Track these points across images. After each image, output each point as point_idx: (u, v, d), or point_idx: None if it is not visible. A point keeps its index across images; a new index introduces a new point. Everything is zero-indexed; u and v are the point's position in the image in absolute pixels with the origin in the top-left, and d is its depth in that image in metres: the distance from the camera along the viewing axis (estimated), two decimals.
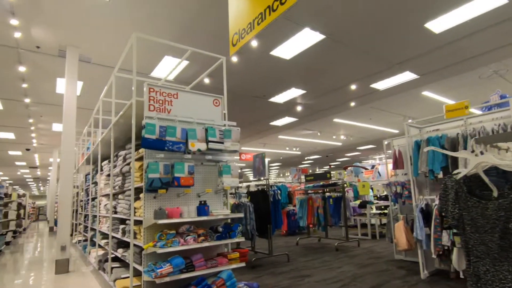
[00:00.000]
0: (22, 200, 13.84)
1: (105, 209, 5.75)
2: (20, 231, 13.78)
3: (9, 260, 7.83)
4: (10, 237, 10.34)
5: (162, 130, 3.30)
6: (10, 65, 6.78)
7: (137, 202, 3.82)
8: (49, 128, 12.20)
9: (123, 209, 4.42)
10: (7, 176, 26.93)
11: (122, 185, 4.56)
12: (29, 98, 8.70)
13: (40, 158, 18.41)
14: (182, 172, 3.34)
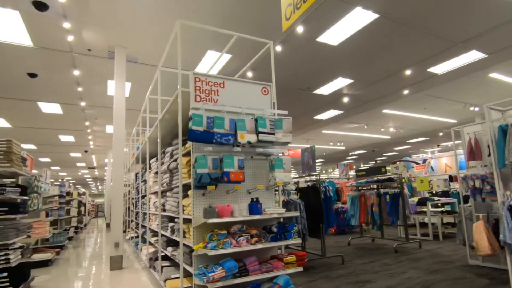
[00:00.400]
0: (82, 198, 14.76)
1: (154, 207, 5.68)
2: (81, 226, 14.70)
3: (71, 254, 8.21)
4: (72, 233, 10.98)
5: (210, 121, 3.00)
6: (66, 70, 7.04)
7: (186, 200, 3.58)
8: (103, 130, 12.80)
9: (171, 207, 4.24)
10: (70, 176, 29.27)
11: (169, 182, 4.39)
12: (84, 101, 9.08)
13: (97, 159, 19.59)
14: (231, 167, 3.01)
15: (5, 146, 4.11)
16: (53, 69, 6.95)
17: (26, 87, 7.88)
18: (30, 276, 4.78)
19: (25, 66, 6.75)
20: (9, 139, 4.17)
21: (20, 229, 4.45)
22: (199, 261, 3.07)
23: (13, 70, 6.91)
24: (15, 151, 4.24)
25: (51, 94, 8.46)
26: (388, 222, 6.65)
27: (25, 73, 7.11)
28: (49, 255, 6.50)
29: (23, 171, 4.65)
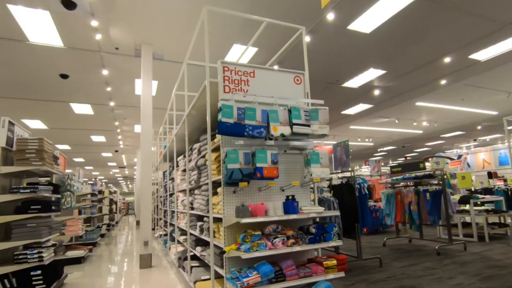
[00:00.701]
0: (114, 197, 15.14)
1: (182, 205, 5.54)
2: (113, 224, 15.08)
3: (104, 251, 8.32)
4: (104, 230, 11.22)
5: (241, 112, 2.75)
6: (95, 70, 7.09)
7: (215, 198, 3.36)
8: (131, 130, 13.00)
9: (200, 205, 4.04)
10: (103, 175, 30.38)
11: (198, 179, 4.20)
12: (113, 101, 9.19)
13: (127, 158, 20.09)
14: (264, 162, 2.74)
15: (37, 144, 4.10)
16: (83, 69, 7.02)
17: (58, 89, 8.05)
18: (64, 274, 4.79)
19: (57, 67, 6.86)
20: (41, 137, 4.16)
21: (53, 227, 4.45)
22: (231, 263, 2.83)
23: (46, 72, 7.05)
24: (46, 149, 4.23)
25: (82, 95, 8.61)
26: (429, 221, 6.11)
27: (57, 74, 7.24)
28: (82, 252, 6.57)
29: (55, 169, 4.65)
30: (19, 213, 3.99)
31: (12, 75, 7.14)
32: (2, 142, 3.96)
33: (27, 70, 6.93)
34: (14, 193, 3.92)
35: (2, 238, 3.97)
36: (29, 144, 4.07)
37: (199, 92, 3.36)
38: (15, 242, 3.84)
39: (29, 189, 3.97)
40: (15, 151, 4.03)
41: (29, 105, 9.16)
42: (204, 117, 4.24)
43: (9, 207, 4.08)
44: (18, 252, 3.89)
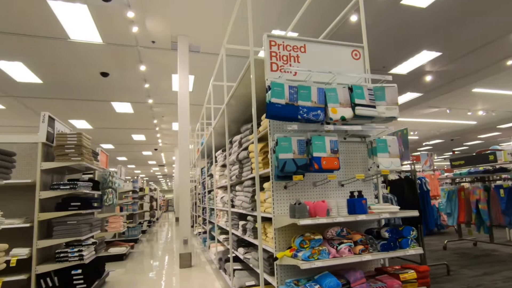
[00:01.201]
0: (154, 194, 15.41)
1: (222, 202, 5.19)
2: (154, 220, 15.34)
3: (145, 247, 8.29)
4: (145, 226, 11.34)
5: (293, 91, 2.26)
6: (133, 66, 7.00)
7: (261, 194, 2.92)
8: (169, 128, 13.06)
9: (243, 203, 3.63)
10: (144, 173, 31.51)
11: (239, 174, 3.79)
12: (152, 98, 9.15)
13: (166, 156, 20.49)
14: (322, 150, 2.24)
15: (75, 139, 3.94)
16: (122, 66, 6.95)
17: (100, 87, 8.12)
18: (105, 272, 4.65)
19: (97, 65, 6.85)
20: (79, 132, 4.00)
21: (93, 224, 4.30)
22: (284, 272, 2.36)
23: (88, 70, 7.09)
24: (85, 144, 4.06)
25: (122, 93, 8.64)
26: (503, 222, 5.19)
27: (98, 73, 7.26)
28: (123, 249, 6.50)
29: (95, 165, 4.50)
30: (59, 210, 3.85)
31: (57, 76, 7.28)
32: (42, 138, 3.84)
33: (71, 70, 7.01)
34: (54, 190, 3.78)
35: (45, 236, 3.86)
36: (68, 139, 3.93)
37: (243, 72, 2.93)
38: (55, 240, 3.70)
39: (69, 186, 3.81)
40: (55, 146, 3.90)
41: (74, 105, 9.41)
42: (245, 105, 3.82)
43: (51, 204, 3.97)
44: (59, 250, 3.75)
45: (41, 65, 6.74)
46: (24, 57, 6.37)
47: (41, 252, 3.74)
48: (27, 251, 3.58)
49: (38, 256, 3.67)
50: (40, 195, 3.72)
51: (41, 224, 3.75)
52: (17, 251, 3.56)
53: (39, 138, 3.84)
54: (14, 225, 3.55)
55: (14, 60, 6.48)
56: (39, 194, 3.72)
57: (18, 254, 3.54)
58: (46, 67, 6.83)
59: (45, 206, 3.88)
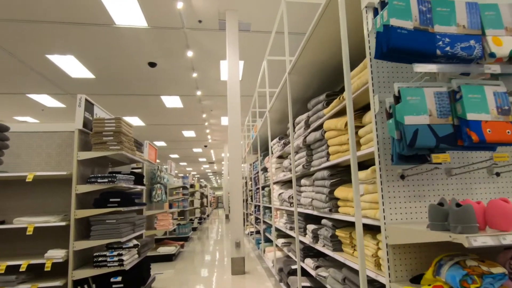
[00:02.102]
0: (204, 190, 15.21)
1: (279, 200, 4.33)
2: (205, 217, 15.14)
3: (195, 247, 7.82)
4: (196, 223, 11.01)
5: (425, 9, 1.30)
6: (180, 53, 6.50)
7: (341, 190, 2.00)
8: (218, 123, 12.64)
9: (313, 201, 2.72)
10: (195, 171, 32.17)
11: (307, 163, 2.89)
12: (200, 90, 8.67)
13: (215, 153, 20.37)
14: (482, 110, 1.24)
15: (114, 125, 3.39)
16: (169, 53, 6.48)
17: (149, 80, 7.83)
18: (151, 277, 4.09)
19: (144, 53, 6.48)
20: (118, 117, 3.45)
21: (137, 223, 3.74)
22: None
23: (135, 60, 6.77)
24: (125, 131, 3.51)
25: (171, 85, 8.28)
26: None
27: (145, 63, 6.91)
28: (173, 249, 6.01)
29: (138, 156, 3.95)
30: (97, 206, 3.33)
31: (107, 69, 7.10)
32: (79, 124, 3.36)
33: (119, 61, 6.76)
34: (91, 183, 3.27)
35: (83, 236, 3.38)
36: (106, 125, 3.39)
37: (316, 19, 2.02)
38: (93, 241, 3.18)
39: (107, 179, 3.27)
40: (92, 134, 3.40)
41: (126, 101, 9.35)
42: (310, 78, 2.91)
43: (90, 200, 3.49)
44: (98, 253, 3.22)
45: (91, 58, 6.56)
46: (74, 49, 6.21)
47: (79, 254, 3.25)
48: (63, 253, 3.10)
49: (75, 260, 3.18)
50: (76, 189, 3.23)
51: (78, 222, 3.26)
52: (53, 253, 3.09)
53: (75, 124, 3.36)
54: (49, 224, 3.10)
55: (65, 53, 6.37)
56: (75, 188, 3.23)
57: (53, 256, 3.07)
58: (95, 59, 6.65)
59: (84, 203, 3.40)
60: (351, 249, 2.19)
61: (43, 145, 3.56)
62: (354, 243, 2.17)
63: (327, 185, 2.41)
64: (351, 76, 2.03)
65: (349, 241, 2.20)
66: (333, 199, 2.38)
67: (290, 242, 4.35)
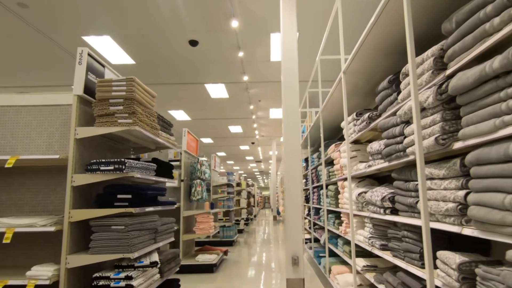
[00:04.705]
0: (251, 190, 14.16)
1: (359, 202, 2.93)
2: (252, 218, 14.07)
3: (241, 253, 6.68)
4: (242, 225, 9.94)
5: None
6: (224, 24, 5.42)
7: None
8: (267, 117, 11.48)
9: (477, 208, 1.31)
10: (242, 170, 31.54)
11: (444, 133, 1.48)
12: (247, 74, 7.55)
13: (262, 151, 19.28)
14: None
15: (124, 88, 2.33)
16: (211, 24, 5.42)
17: (191, 63, 6.92)
18: None
19: (184, 28, 5.52)
20: (131, 77, 2.38)
21: (160, 229, 2.65)
22: None
23: (176, 39, 5.86)
24: (140, 99, 2.44)
25: (215, 69, 7.28)
26: None
27: (186, 41, 5.98)
28: (214, 257, 4.92)
29: (163, 138, 2.88)
30: (101, 206, 2.30)
31: (146, 52, 6.34)
32: (78, 89, 2.37)
33: (158, 41, 5.92)
34: (91, 172, 2.24)
35: (82, 247, 2.36)
36: (114, 88, 2.35)
37: None
38: (91, 257, 2.15)
39: (113, 166, 2.21)
40: (95, 102, 2.38)
41: (170, 91, 8.63)
42: None
43: (92, 196, 2.48)
44: (99, 275, 2.17)
45: (128, 37, 5.80)
46: (110, 28, 5.48)
47: (74, 274, 2.24)
48: (51, 272, 2.10)
49: (69, 281, 2.17)
50: (73, 180, 2.23)
51: (74, 227, 2.26)
52: (38, 271, 2.11)
53: (73, 89, 2.38)
54: (35, 228, 2.13)
55: (101, 34, 5.69)
56: (71, 178, 2.23)
57: (38, 276, 2.09)
58: (133, 40, 5.88)
59: (85, 200, 2.40)
60: None
61: (45, 122, 2.65)
62: None
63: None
64: None
65: None
66: None
67: (376, 266, 2.92)
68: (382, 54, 2.44)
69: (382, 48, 2.34)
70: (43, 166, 2.56)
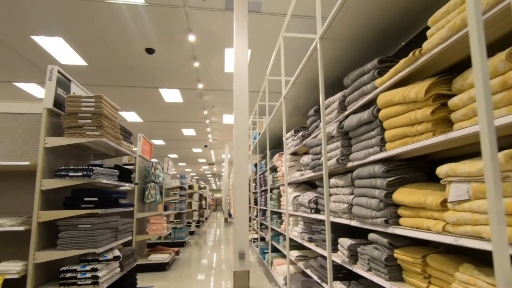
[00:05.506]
0: (203, 192, 14.47)
1: (294, 204, 3.61)
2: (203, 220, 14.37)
3: (192, 254, 7.06)
4: (194, 227, 10.26)
5: None
6: (181, 37, 5.80)
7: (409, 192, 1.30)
8: (220, 121, 11.94)
9: (355, 207, 2.00)
10: (194, 172, 31.41)
11: (343, 156, 2.17)
12: (202, 82, 7.96)
13: (215, 154, 19.64)
14: None
15: (93, 104, 2.68)
16: (168, 37, 5.78)
17: (146, 68, 7.12)
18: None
19: (141, 37, 5.78)
20: (99, 94, 2.73)
21: (120, 229, 3.01)
22: None
23: (132, 45, 6.07)
24: (107, 113, 2.79)
25: (170, 76, 7.57)
26: None
27: (143, 49, 6.22)
28: (167, 257, 5.27)
29: (125, 147, 3.23)
30: (68, 207, 2.61)
31: (101, 55, 6.41)
32: (48, 102, 2.65)
33: (113, 47, 6.06)
34: (61, 178, 2.55)
35: (49, 244, 2.64)
36: (83, 104, 2.68)
37: None
38: (59, 252, 2.45)
39: (81, 172, 2.55)
40: (64, 115, 2.68)
41: (123, 93, 8.65)
42: (354, 39, 2.19)
43: (61, 199, 2.77)
44: (66, 268, 2.49)
45: (82, 40, 5.86)
46: (62, 30, 5.51)
47: (41, 269, 2.52)
48: (20, 267, 2.37)
49: (36, 276, 2.45)
50: (42, 184, 2.51)
51: (42, 227, 2.54)
52: (6, 266, 2.36)
53: (43, 103, 2.65)
54: (3, 228, 2.37)
55: (53, 35, 5.68)
56: (40, 183, 2.51)
57: (7, 271, 2.34)
58: (87, 42, 5.95)
59: (53, 203, 2.68)
60: (423, 281, 1.47)
61: (8, 129, 2.84)
62: (429, 272, 1.45)
63: (380, 185, 1.69)
64: (436, 19, 1.32)
65: (420, 269, 1.48)
66: (390, 206, 1.67)
67: (307, 256, 3.62)
68: (312, 87, 3.13)
69: (312, 83, 3.03)
70: (9, 171, 2.76)
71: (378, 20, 1.96)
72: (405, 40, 2.24)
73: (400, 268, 1.67)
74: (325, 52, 2.36)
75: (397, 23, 1.99)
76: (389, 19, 1.95)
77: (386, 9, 1.84)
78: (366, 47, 2.30)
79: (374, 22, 1.98)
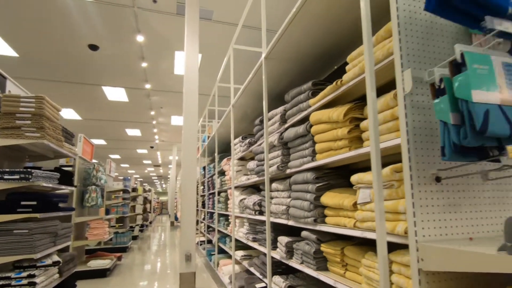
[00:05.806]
0: (148, 195, 13.99)
1: (240, 207, 3.85)
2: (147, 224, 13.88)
3: (135, 260, 6.87)
4: (137, 231, 9.91)
5: None
6: (128, 37, 5.68)
7: (332, 195, 1.63)
8: (168, 123, 11.72)
9: (291, 208, 2.30)
10: (138, 174, 29.94)
11: (283, 164, 2.47)
12: (149, 83, 7.81)
13: (162, 156, 19.07)
14: None
15: (33, 105, 2.59)
16: (115, 35, 5.62)
17: (88, 64, 6.77)
18: None
19: (85, 33, 5.52)
20: (40, 95, 2.65)
21: (60, 233, 2.92)
22: None
23: (73, 40, 5.75)
24: (49, 115, 2.72)
25: (115, 74, 7.30)
26: None
27: (85, 45, 5.93)
28: (108, 262, 5.10)
29: (67, 149, 3.14)
30: (3, 212, 2.49)
31: (36, 48, 5.93)
32: None
33: (51, 40, 5.67)
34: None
35: None
36: (22, 104, 2.58)
37: None
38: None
39: (18, 175, 2.45)
40: (1, 115, 2.55)
41: (59, 88, 8.04)
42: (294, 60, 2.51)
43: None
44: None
45: (13, 31, 5.39)
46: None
47: None
48: None
49: None
50: None
51: None
52: None
53: None
54: None
55: None
56: None
57: None
58: (19, 34, 5.48)
59: None
60: (341, 269, 1.80)
61: None
62: (346, 261, 1.78)
63: (311, 190, 2.01)
64: (352, 58, 1.67)
65: (339, 259, 1.81)
66: (319, 207, 1.99)
67: (251, 255, 3.87)
68: (259, 97, 3.41)
69: (258, 94, 3.30)
70: None
71: (316, 46, 2.30)
72: (337, 64, 2.63)
73: (326, 259, 1.99)
74: (270, 69, 2.65)
75: (332, 50, 2.36)
76: (325, 46, 2.30)
77: (324, 37, 2.18)
78: (305, 67, 2.64)
79: (312, 47, 2.31)
